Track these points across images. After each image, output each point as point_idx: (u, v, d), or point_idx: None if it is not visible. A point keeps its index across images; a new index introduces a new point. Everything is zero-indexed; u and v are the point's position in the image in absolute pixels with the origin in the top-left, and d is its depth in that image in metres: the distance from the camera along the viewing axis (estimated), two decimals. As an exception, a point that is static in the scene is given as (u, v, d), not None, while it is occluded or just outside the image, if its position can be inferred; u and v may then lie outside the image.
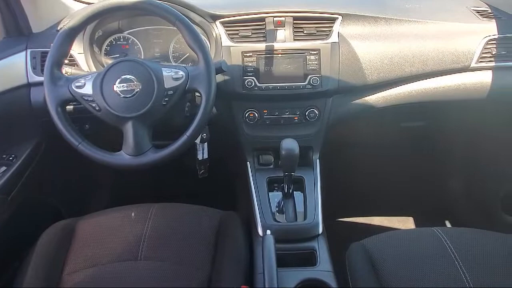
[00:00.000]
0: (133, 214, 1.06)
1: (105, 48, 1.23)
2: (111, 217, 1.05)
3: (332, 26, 1.15)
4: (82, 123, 1.11)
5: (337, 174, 1.55)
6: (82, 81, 0.91)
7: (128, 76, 0.89)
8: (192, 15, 1.13)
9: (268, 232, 0.91)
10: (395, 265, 0.89)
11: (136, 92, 0.89)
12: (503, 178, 1.46)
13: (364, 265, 0.89)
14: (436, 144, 1.59)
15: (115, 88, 0.89)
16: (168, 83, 0.91)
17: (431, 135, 1.52)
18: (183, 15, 0.95)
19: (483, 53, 1.17)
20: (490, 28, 1.18)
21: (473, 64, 1.17)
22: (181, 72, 0.92)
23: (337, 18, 1.16)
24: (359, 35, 1.16)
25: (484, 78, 1.19)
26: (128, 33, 1.23)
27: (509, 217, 1.41)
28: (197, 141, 1.12)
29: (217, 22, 1.15)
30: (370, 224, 1.73)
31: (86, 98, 0.91)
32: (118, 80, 0.89)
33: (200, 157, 1.22)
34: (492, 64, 1.17)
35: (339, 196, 1.59)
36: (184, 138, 0.91)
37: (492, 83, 1.18)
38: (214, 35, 1.15)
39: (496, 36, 1.17)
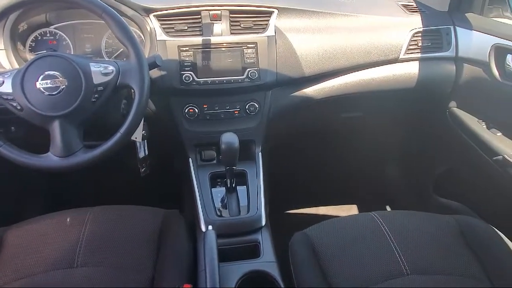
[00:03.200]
0: (68, 220, 1.00)
1: (30, 44, 1.15)
2: (43, 224, 0.99)
3: (268, 20, 1.16)
4: (6, 125, 1.03)
5: (282, 166, 1.57)
6: (0, 79, 0.85)
7: (52, 72, 0.84)
8: (124, 8, 1.09)
9: (210, 227, 0.90)
10: (335, 250, 0.92)
11: (62, 89, 0.84)
12: (433, 163, 1.56)
13: (305, 253, 0.91)
14: (374, 132, 1.67)
15: (38, 85, 0.83)
16: (97, 79, 0.86)
17: (369, 124, 1.59)
18: (113, 8, 0.91)
19: (410, 45, 1.23)
20: (416, 22, 1.25)
21: (401, 56, 1.23)
22: (111, 67, 0.88)
23: (273, 11, 1.17)
24: (295, 29, 1.18)
25: (412, 68, 1.26)
26: (55, 28, 1.16)
27: (440, 199, 1.51)
28: (137, 139, 1.08)
29: (151, 16, 1.11)
30: (316, 214, 1.78)
31: (5, 97, 0.84)
32: (41, 77, 0.83)
33: (140, 155, 1.19)
34: (419, 55, 1.25)
35: (285, 188, 1.61)
36: (117, 136, 0.87)
37: (419, 73, 1.25)
38: (149, 29, 1.11)
39: (421, 29, 1.24)
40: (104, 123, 0.99)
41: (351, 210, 1.82)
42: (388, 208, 1.79)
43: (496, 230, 0.95)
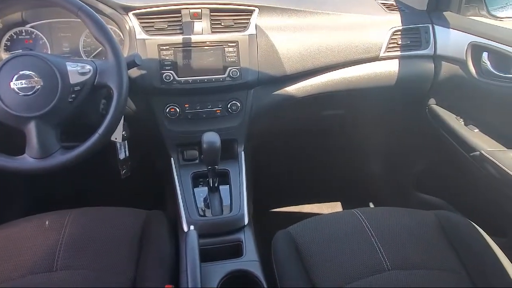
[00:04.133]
0: (47, 223, 0.98)
1: (5, 43, 1.12)
2: (21, 228, 0.96)
3: (249, 18, 1.16)
4: None
5: (265, 165, 1.58)
6: None
7: (26, 72, 0.82)
8: (101, 6, 1.07)
9: (192, 227, 0.89)
10: (317, 247, 0.92)
11: (37, 89, 0.82)
12: (414, 160, 1.58)
13: (288, 251, 0.91)
14: (356, 130, 1.68)
15: (12, 86, 0.81)
16: (74, 79, 0.85)
17: (351, 122, 1.60)
18: (90, 6, 0.90)
19: (390, 43, 1.25)
20: (395, 20, 1.27)
21: (381, 54, 1.25)
22: (88, 67, 0.86)
23: (254, 10, 1.16)
24: (276, 27, 1.18)
25: (392, 66, 1.27)
26: (31, 27, 1.13)
27: (421, 194, 1.54)
28: (117, 139, 1.06)
29: (130, 14, 1.10)
30: (300, 212, 1.79)
31: None
32: (15, 77, 0.81)
33: (121, 156, 1.17)
34: (398, 53, 1.26)
35: (269, 187, 1.62)
36: (95, 136, 0.86)
37: (399, 71, 1.27)
38: (128, 27, 1.10)
39: (400, 27, 1.26)
40: (83, 123, 0.97)
41: (335, 207, 1.83)
42: (371, 205, 1.81)
43: (474, 224, 0.97)
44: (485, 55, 1.14)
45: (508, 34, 1.07)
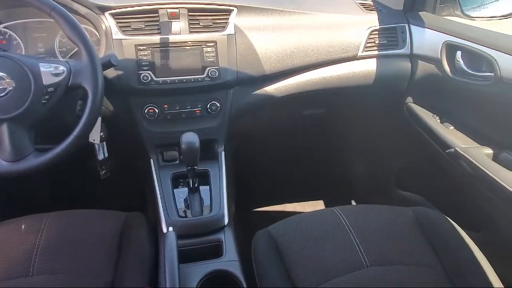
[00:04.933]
0: (23, 227, 0.96)
1: (-23, 44, 1.10)
2: None
3: (228, 18, 1.15)
4: None
5: (247, 165, 1.58)
6: None
7: None
8: (76, 6, 1.05)
9: (171, 228, 0.89)
10: (297, 246, 0.93)
11: (9, 90, 0.80)
12: (394, 157, 1.61)
13: (268, 250, 0.92)
14: (337, 129, 1.70)
15: None
16: (47, 80, 0.83)
17: (331, 120, 1.62)
18: (64, 6, 0.88)
19: (367, 42, 1.26)
20: (373, 20, 1.29)
21: (360, 53, 1.26)
22: (62, 67, 0.85)
23: (233, 10, 1.16)
24: (255, 27, 1.18)
25: (370, 65, 1.29)
26: (5, 27, 1.11)
27: (401, 191, 1.56)
28: (95, 140, 1.05)
29: (107, 14, 1.08)
30: (283, 211, 1.80)
31: None
32: None
33: (100, 157, 1.16)
34: (376, 52, 1.28)
35: (251, 186, 1.62)
36: (70, 138, 0.85)
37: (376, 70, 1.29)
38: (104, 27, 1.08)
39: (378, 27, 1.28)
40: (59, 125, 0.95)
41: (317, 206, 1.85)
42: (353, 203, 1.83)
43: (450, 220, 0.99)
44: (458, 54, 1.16)
45: (480, 33, 1.10)
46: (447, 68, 1.18)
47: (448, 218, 1.00)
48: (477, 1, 1.24)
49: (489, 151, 1.07)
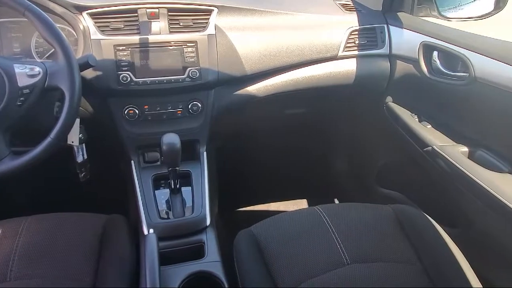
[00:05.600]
0: (0, 231, 0.94)
1: (-50, 45, 1.06)
2: None
3: (208, 18, 1.15)
4: None
5: (231, 165, 1.58)
6: None
7: None
8: (52, 5, 1.03)
9: (151, 230, 0.88)
10: (279, 245, 0.93)
11: None
12: (375, 156, 1.63)
13: (250, 250, 0.92)
14: (319, 128, 1.71)
15: None
16: (22, 81, 0.81)
17: (314, 120, 1.63)
18: (40, 5, 0.86)
19: (347, 42, 1.28)
20: (353, 20, 1.30)
21: (340, 53, 1.28)
22: (37, 69, 0.83)
23: (213, 10, 1.16)
24: (235, 27, 1.18)
25: (350, 65, 1.30)
26: (-22, 27, 1.08)
27: (382, 189, 1.59)
28: (73, 142, 1.03)
29: (84, 14, 1.07)
30: (267, 211, 1.80)
31: None
32: None
33: (79, 159, 1.14)
34: (356, 52, 1.29)
35: (234, 187, 1.62)
36: (47, 141, 0.83)
37: (357, 70, 1.30)
38: (82, 27, 1.07)
39: (357, 27, 1.29)
40: (37, 127, 0.93)
41: (300, 205, 1.86)
42: (336, 201, 1.85)
43: (427, 216, 1.01)
44: (435, 54, 1.19)
45: (456, 34, 1.13)
46: (424, 68, 1.20)
47: (426, 215, 1.02)
48: (453, 2, 1.27)
49: (465, 149, 1.10)
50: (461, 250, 0.92)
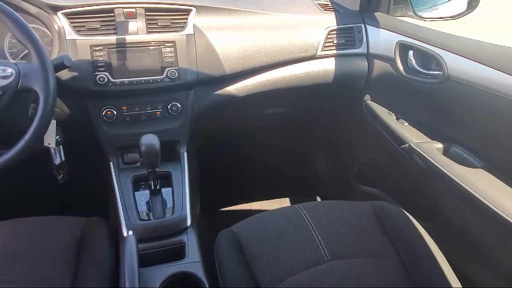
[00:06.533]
0: (-27, 237, 0.92)
1: None
2: None
3: (187, 18, 1.14)
4: None
5: (212, 164, 1.57)
6: None
7: None
8: (26, 5, 1.01)
9: (130, 232, 0.87)
10: (259, 244, 0.94)
11: None
12: (355, 153, 1.65)
13: (231, 250, 0.92)
14: (300, 127, 1.72)
15: None
16: None
17: (294, 119, 1.64)
18: (13, 5, 0.85)
19: (326, 42, 1.29)
20: (331, 20, 1.31)
21: (319, 53, 1.29)
22: (10, 70, 0.81)
23: (191, 9, 1.16)
24: (214, 27, 1.18)
25: (329, 64, 1.32)
26: None
27: (362, 186, 1.61)
28: (50, 144, 1.02)
29: (59, 14, 1.05)
30: (249, 210, 1.81)
31: None
32: None
33: (56, 161, 1.12)
34: (334, 52, 1.31)
35: (217, 186, 1.62)
36: (21, 143, 0.81)
37: (335, 69, 1.32)
38: (57, 28, 1.05)
39: (335, 27, 1.31)
40: (11, 129, 0.91)
41: (283, 203, 1.87)
42: (318, 199, 1.86)
43: (405, 212, 1.03)
44: (411, 53, 1.21)
45: (430, 33, 1.15)
46: (400, 66, 1.22)
47: (404, 211, 1.04)
48: (428, 3, 1.29)
49: (440, 145, 1.13)
50: (437, 244, 0.95)
